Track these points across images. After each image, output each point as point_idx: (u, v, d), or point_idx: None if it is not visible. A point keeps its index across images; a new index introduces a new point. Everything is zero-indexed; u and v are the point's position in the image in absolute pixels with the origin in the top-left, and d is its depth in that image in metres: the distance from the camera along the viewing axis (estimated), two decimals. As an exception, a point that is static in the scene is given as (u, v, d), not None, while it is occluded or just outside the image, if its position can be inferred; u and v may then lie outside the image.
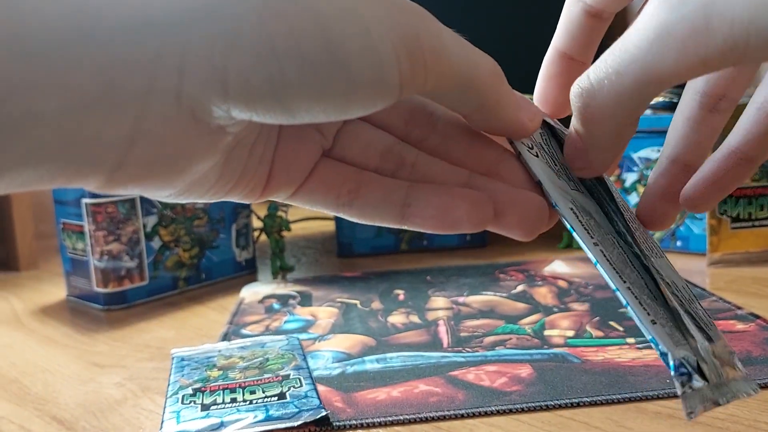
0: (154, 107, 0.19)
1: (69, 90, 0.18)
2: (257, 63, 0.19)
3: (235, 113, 0.20)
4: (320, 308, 0.69)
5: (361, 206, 0.26)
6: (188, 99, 0.19)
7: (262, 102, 0.19)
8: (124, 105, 0.18)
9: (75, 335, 0.66)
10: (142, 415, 0.47)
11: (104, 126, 0.19)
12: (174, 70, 0.19)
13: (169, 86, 0.19)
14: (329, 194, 0.26)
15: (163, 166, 0.21)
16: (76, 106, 0.18)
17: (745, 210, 0.77)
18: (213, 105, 0.19)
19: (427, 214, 0.25)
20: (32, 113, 0.17)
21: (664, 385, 0.45)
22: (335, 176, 0.26)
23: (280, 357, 0.53)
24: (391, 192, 0.25)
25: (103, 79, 0.18)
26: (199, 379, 0.49)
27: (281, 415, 0.43)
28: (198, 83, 0.19)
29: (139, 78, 0.18)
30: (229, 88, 0.19)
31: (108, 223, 0.73)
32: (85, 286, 0.76)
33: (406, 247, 0.93)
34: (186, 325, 0.67)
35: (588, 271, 0.76)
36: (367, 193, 0.26)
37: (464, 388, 0.47)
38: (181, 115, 0.19)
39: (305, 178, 0.26)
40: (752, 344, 0.52)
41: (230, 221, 0.85)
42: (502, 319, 0.62)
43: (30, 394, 0.52)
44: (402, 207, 0.25)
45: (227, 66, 0.19)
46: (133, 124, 0.19)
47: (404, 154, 0.26)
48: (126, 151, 0.19)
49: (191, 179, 0.22)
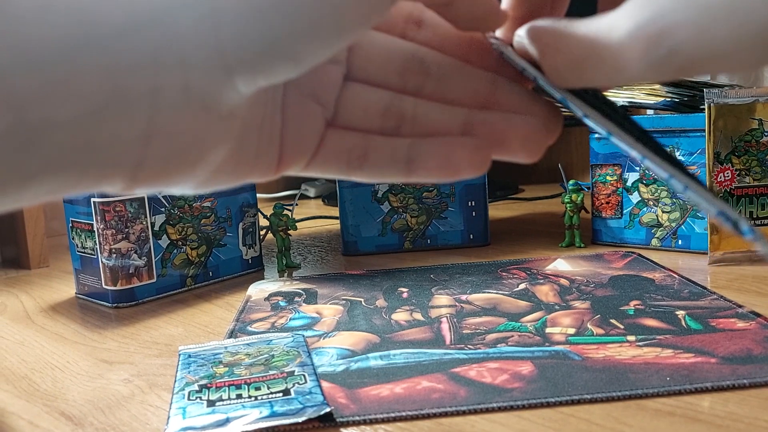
0: (165, 103, 0.20)
1: (79, 96, 0.18)
2: (245, 26, 0.19)
3: (242, 86, 0.20)
4: (325, 306, 0.69)
5: (370, 168, 0.27)
6: (196, 90, 0.20)
7: (262, 62, 0.20)
8: (135, 105, 0.19)
9: (84, 332, 0.67)
10: (149, 411, 0.48)
11: (119, 127, 0.19)
12: (176, 64, 0.19)
13: (175, 80, 0.19)
14: (340, 162, 0.27)
15: (180, 158, 0.21)
16: (88, 111, 0.19)
17: (747, 209, 0.77)
18: (220, 88, 0.20)
19: (430, 165, 0.26)
20: (48, 121, 0.18)
21: (664, 383, 0.46)
22: (343, 145, 0.27)
23: (285, 354, 0.54)
24: (396, 151, 0.27)
25: (110, 83, 0.19)
26: (205, 376, 0.50)
27: (286, 411, 0.44)
28: (201, 70, 0.20)
29: (144, 78, 0.19)
30: (229, 61, 0.20)
31: (117, 222, 0.74)
32: (94, 284, 0.77)
33: (410, 246, 0.93)
34: (193, 322, 0.68)
35: (589, 269, 0.77)
36: (375, 156, 0.27)
37: (466, 384, 0.48)
38: (191, 105, 0.20)
39: (315, 150, 0.27)
40: (753, 342, 0.52)
41: (237, 220, 0.86)
42: (505, 316, 0.62)
43: (39, 390, 0.53)
44: (407, 163, 0.26)
45: (220, 41, 0.19)
46: (147, 121, 0.20)
47: (403, 109, 0.27)
48: (144, 148, 0.20)
49: (210, 169, 0.23)
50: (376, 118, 0.27)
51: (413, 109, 0.27)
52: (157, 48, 0.19)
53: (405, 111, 0.27)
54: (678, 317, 0.59)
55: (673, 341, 0.54)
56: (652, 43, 0.19)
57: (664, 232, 0.84)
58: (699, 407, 0.43)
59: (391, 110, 0.27)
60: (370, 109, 0.27)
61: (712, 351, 0.51)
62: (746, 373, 0.47)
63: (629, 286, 0.69)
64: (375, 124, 0.27)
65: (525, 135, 0.26)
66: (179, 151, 0.21)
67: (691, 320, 0.58)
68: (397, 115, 0.27)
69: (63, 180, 0.20)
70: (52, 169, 0.19)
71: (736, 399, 0.44)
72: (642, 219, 0.86)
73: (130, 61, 0.19)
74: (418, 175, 0.26)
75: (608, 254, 0.83)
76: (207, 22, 0.19)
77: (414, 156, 0.26)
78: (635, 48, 0.20)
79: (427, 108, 0.27)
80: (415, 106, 0.27)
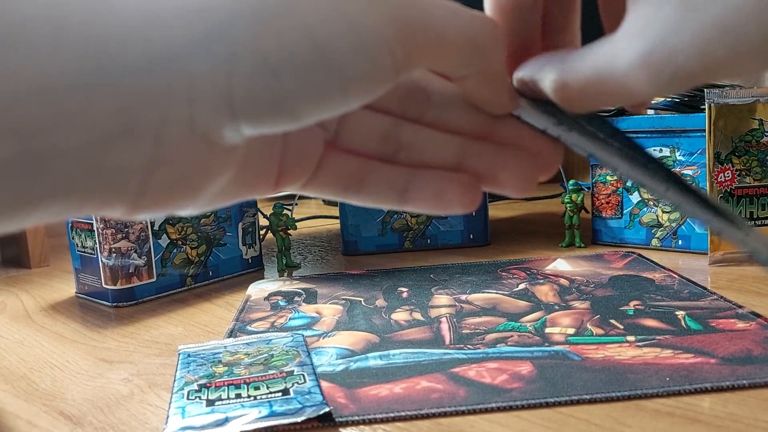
0: (170, 136, 0.20)
1: (90, 127, 0.19)
2: (256, 80, 0.20)
3: (245, 130, 0.21)
4: (325, 305, 0.69)
5: (366, 194, 0.28)
6: (200, 125, 0.20)
7: (267, 115, 0.21)
8: (142, 137, 0.20)
9: (84, 332, 0.67)
10: (148, 411, 0.48)
11: (125, 157, 0.20)
12: (184, 101, 0.20)
13: (182, 116, 0.20)
14: (338, 185, 0.28)
15: (182, 187, 0.22)
16: (97, 141, 0.19)
17: (747, 209, 0.77)
18: (224, 127, 0.21)
19: (423, 198, 0.27)
20: (56, 149, 0.19)
21: (663, 383, 0.46)
22: (341, 168, 0.27)
23: (284, 353, 0.54)
24: (392, 180, 0.27)
25: (120, 116, 0.19)
26: (204, 375, 0.50)
27: (285, 410, 0.44)
28: (207, 110, 0.20)
29: (154, 111, 0.20)
30: (236, 108, 0.20)
31: (116, 221, 0.74)
32: (94, 283, 0.77)
33: (410, 246, 0.93)
34: (193, 322, 0.68)
35: (589, 269, 0.77)
36: (372, 182, 0.27)
37: (465, 384, 0.48)
38: (195, 139, 0.21)
39: (314, 171, 0.27)
40: (753, 343, 0.52)
41: (237, 220, 0.86)
42: (504, 316, 0.62)
43: (38, 390, 0.53)
44: (402, 192, 0.27)
45: (231, 88, 0.20)
46: (152, 153, 0.20)
47: (401, 137, 0.28)
48: (147, 178, 0.21)
49: (212, 195, 0.24)
50: (374, 142, 0.28)
51: (411, 137, 0.28)
52: (169, 84, 0.19)
53: (403, 138, 0.28)
54: (678, 317, 0.59)
55: (673, 341, 0.53)
56: (656, 70, 0.20)
57: (664, 233, 0.84)
58: (698, 408, 0.43)
59: (390, 136, 0.28)
60: (370, 133, 0.28)
61: (711, 351, 0.51)
62: (746, 373, 0.47)
63: (629, 287, 0.69)
64: (373, 149, 0.28)
65: (515, 170, 0.27)
66: (182, 180, 0.22)
67: (690, 321, 0.58)
68: (395, 142, 0.28)
69: (66, 205, 0.20)
70: (57, 195, 0.19)
71: (736, 400, 0.44)
72: (642, 219, 0.86)
73: (141, 96, 0.19)
74: (411, 206, 0.27)
75: (608, 254, 0.83)
76: (223, 67, 0.20)
77: (409, 187, 0.27)
78: (641, 76, 0.20)
79: (425, 137, 0.28)
80: (413, 134, 0.28)
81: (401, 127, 0.28)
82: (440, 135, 0.28)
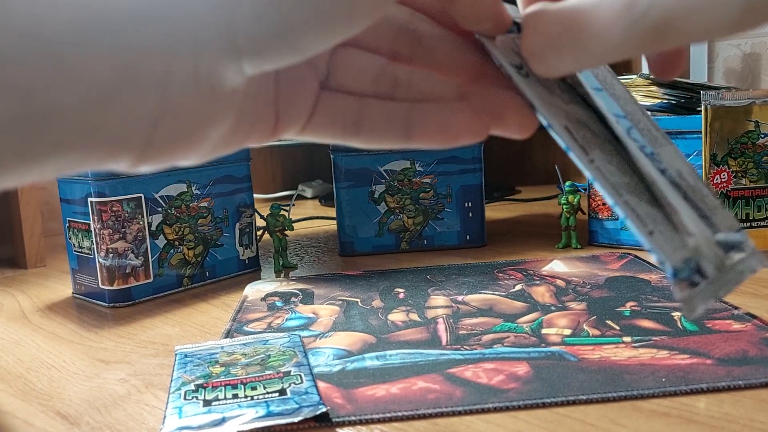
0: (174, 86, 0.20)
1: (90, 83, 0.18)
2: (260, 14, 0.20)
3: (248, 69, 0.21)
4: (322, 306, 0.69)
5: (367, 133, 0.27)
6: (204, 71, 0.20)
7: (271, 49, 0.20)
8: (145, 89, 0.19)
9: (81, 332, 0.67)
10: (145, 411, 0.48)
11: (128, 111, 0.19)
12: (189, 50, 0.19)
13: (186, 65, 0.20)
14: (335, 126, 0.27)
15: (186, 137, 0.22)
16: (98, 97, 0.19)
17: (743, 211, 0.77)
18: (227, 69, 0.20)
19: (429, 131, 0.26)
20: (56, 106, 0.18)
21: (659, 384, 0.46)
22: (337, 108, 0.27)
23: (281, 354, 0.54)
24: (392, 115, 0.26)
25: (122, 69, 0.19)
26: (201, 375, 0.50)
27: (282, 410, 0.44)
28: (212, 55, 0.20)
29: (157, 63, 0.19)
30: (240, 48, 0.20)
31: (113, 222, 0.74)
32: (91, 284, 0.77)
33: (406, 247, 0.93)
34: (190, 322, 0.68)
35: (586, 270, 0.77)
36: (371, 120, 0.27)
37: (462, 385, 0.48)
38: (199, 87, 0.20)
39: (310, 114, 0.27)
40: (748, 344, 0.52)
41: (234, 220, 0.86)
42: (501, 317, 0.62)
43: (35, 390, 0.53)
44: (405, 128, 0.26)
45: (234, 26, 0.20)
46: (156, 104, 0.20)
47: (397, 74, 0.27)
48: (152, 128, 0.20)
49: (213, 142, 0.23)
50: (369, 81, 0.27)
51: (408, 76, 0.27)
52: (170, 34, 0.19)
53: (399, 76, 0.27)
54: (674, 318, 0.59)
55: (669, 342, 0.54)
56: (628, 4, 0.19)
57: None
58: (694, 408, 0.43)
59: (385, 75, 0.27)
60: (363, 72, 0.27)
61: (707, 352, 0.51)
62: (741, 374, 0.47)
63: (625, 288, 0.69)
64: (368, 87, 0.27)
65: (519, 108, 0.26)
66: (186, 129, 0.21)
67: (686, 322, 0.58)
68: (391, 79, 0.27)
69: (69, 160, 0.20)
70: (59, 151, 0.19)
71: (732, 400, 0.44)
72: (638, 220, 0.86)
73: (142, 47, 0.19)
74: (417, 141, 0.26)
75: (604, 255, 0.83)
76: (224, 9, 0.20)
77: (413, 121, 0.26)
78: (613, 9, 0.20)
79: (421, 75, 0.27)
80: (409, 72, 0.27)
81: (395, 66, 0.27)
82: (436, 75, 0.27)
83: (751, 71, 1.49)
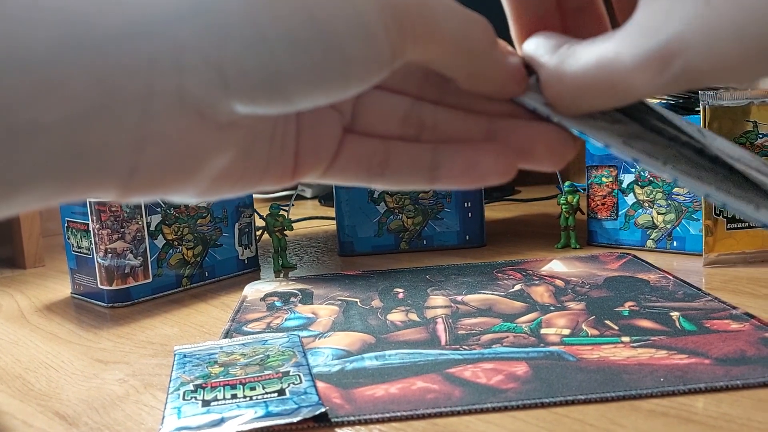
0: (158, 109, 0.19)
1: (68, 99, 0.18)
2: (250, 52, 0.19)
3: (239, 108, 0.20)
4: (321, 306, 0.69)
5: (391, 175, 0.26)
6: (191, 97, 0.19)
7: (261, 93, 0.20)
8: (126, 110, 0.19)
9: (79, 332, 0.67)
10: (143, 411, 0.48)
11: (109, 132, 0.19)
12: (172, 71, 0.19)
13: (170, 86, 0.19)
14: (360, 169, 0.26)
15: (176, 166, 0.21)
16: (77, 115, 0.18)
17: (741, 211, 0.77)
18: (216, 101, 0.20)
19: (455, 173, 0.26)
20: (35, 124, 0.18)
21: (657, 384, 0.46)
22: (362, 151, 0.26)
23: (280, 354, 0.54)
24: (418, 157, 0.26)
25: (101, 87, 0.18)
26: (200, 376, 0.50)
27: (281, 411, 0.44)
28: (198, 80, 0.19)
29: (137, 82, 0.19)
30: (229, 80, 0.19)
31: (112, 222, 0.74)
32: (90, 284, 0.77)
33: (406, 247, 0.94)
34: (189, 322, 0.68)
35: (585, 270, 0.77)
36: (396, 162, 0.26)
37: (461, 385, 0.48)
38: (185, 113, 0.20)
39: (333, 157, 0.26)
40: (747, 344, 0.52)
41: (233, 220, 0.86)
42: (500, 317, 0.63)
43: (33, 390, 0.53)
44: (430, 170, 0.26)
45: (223, 60, 0.19)
46: (139, 126, 0.19)
47: (423, 117, 0.26)
48: (136, 155, 0.20)
49: (211, 176, 0.22)
50: (395, 125, 0.27)
51: (433, 117, 0.26)
52: (152, 53, 0.18)
53: (425, 118, 0.26)
54: (672, 318, 0.59)
55: (668, 342, 0.54)
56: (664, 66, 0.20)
57: (659, 234, 0.84)
58: (693, 408, 0.43)
59: (411, 117, 0.26)
60: (390, 114, 0.26)
61: (706, 352, 0.51)
62: (740, 374, 0.47)
63: (624, 288, 0.69)
64: (395, 131, 0.27)
65: (550, 142, 0.25)
66: (174, 158, 0.20)
67: (685, 321, 0.58)
68: (417, 122, 0.26)
69: (53, 188, 0.19)
70: (41, 176, 0.18)
71: (730, 400, 0.44)
72: (637, 220, 0.86)
73: (123, 64, 0.18)
74: (443, 182, 0.26)
75: (603, 255, 0.83)
76: (212, 36, 0.19)
77: (438, 163, 0.26)
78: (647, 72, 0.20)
79: (448, 116, 0.26)
80: (435, 113, 0.26)
81: (422, 107, 0.26)
82: (464, 114, 0.26)
83: (749, 71, 1.49)
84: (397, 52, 0.21)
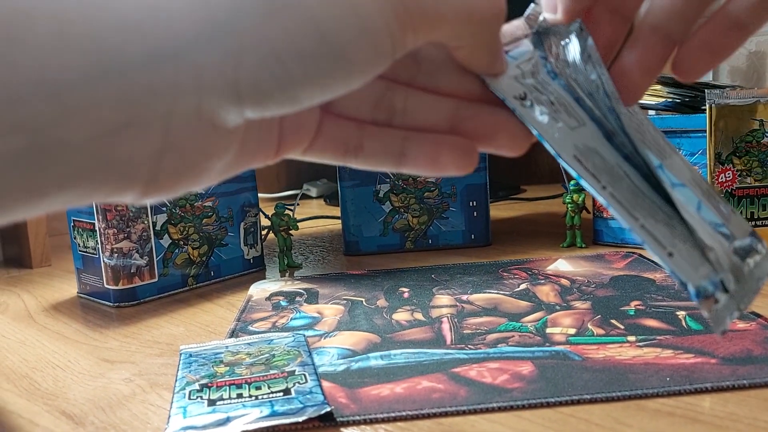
0: (178, 124, 0.21)
1: (95, 121, 0.19)
2: (264, 69, 0.21)
3: (249, 114, 0.22)
4: (326, 306, 0.70)
5: (364, 157, 0.29)
6: (207, 112, 0.21)
7: (272, 101, 0.22)
8: (149, 128, 0.20)
9: (85, 331, 0.67)
10: (149, 410, 0.48)
11: (134, 147, 0.20)
12: (192, 91, 0.20)
13: (190, 105, 0.20)
14: (337, 151, 0.29)
15: (190, 170, 0.23)
16: (103, 134, 0.19)
17: (748, 210, 0.77)
18: (229, 112, 0.21)
19: (419, 162, 0.28)
20: (63, 143, 0.19)
21: (663, 383, 0.46)
22: (339, 134, 0.28)
23: (286, 353, 0.54)
24: (389, 144, 0.28)
25: (127, 109, 0.20)
26: (206, 375, 0.50)
27: (286, 410, 0.44)
28: (215, 98, 0.21)
29: (160, 103, 0.20)
30: (242, 95, 0.21)
31: (118, 221, 0.74)
32: (96, 283, 0.77)
33: (411, 246, 0.93)
34: (195, 322, 0.68)
35: (590, 269, 0.77)
36: (369, 147, 0.28)
37: (466, 384, 0.48)
38: (201, 126, 0.21)
39: (312, 138, 0.28)
40: (753, 343, 0.52)
41: (238, 219, 0.86)
42: (505, 316, 0.62)
43: (40, 389, 0.53)
44: (398, 156, 0.28)
45: (238, 77, 0.21)
46: (160, 142, 0.21)
47: (394, 102, 0.28)
48: (156, 165, 0.21)
49: (218, 171, 0.24)
50: (368, 108, 0.29)
51: (404, 102, 0.28)
52: (174, 76, 0.20)
53: (395, 104, 0.28)
54: (678, 318, 0.59)
55: (674, 342, 0.54)
56: None
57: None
58: (699, 408, 0.43)
59: (383, 102, 0.28)
60: (363, 99, 0.28)
61: (712, 351, 0.51)
62: (746, 373, 0.47)
63: (630, 287, 0.69)
64: (368, 114, 0.29)
65: (512, 130, 0.27)
66: (190, 163, 0.22)
67: (691, 321, 0.58)
68: (389, 107, 0.28)
69: (76, 195, 0.20)
70: (66, 186, 0.20)
71: (736, 399, 0.44)
72: (643, 219, 0.86)
73: (147, 88, 0.20)
74: (408, 169, 0.28)
75: (609, 254, 0.83)
76: (230, 58, 0.20)
77: (406, 151, 0.28)
78: None
79: (417, 101, 0.28)
80: (405, 99, 0.28)
81: (393, 92, 0.28)
82: (432, 98, 0.28)
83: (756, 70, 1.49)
84: (398, 46, 0.23)
